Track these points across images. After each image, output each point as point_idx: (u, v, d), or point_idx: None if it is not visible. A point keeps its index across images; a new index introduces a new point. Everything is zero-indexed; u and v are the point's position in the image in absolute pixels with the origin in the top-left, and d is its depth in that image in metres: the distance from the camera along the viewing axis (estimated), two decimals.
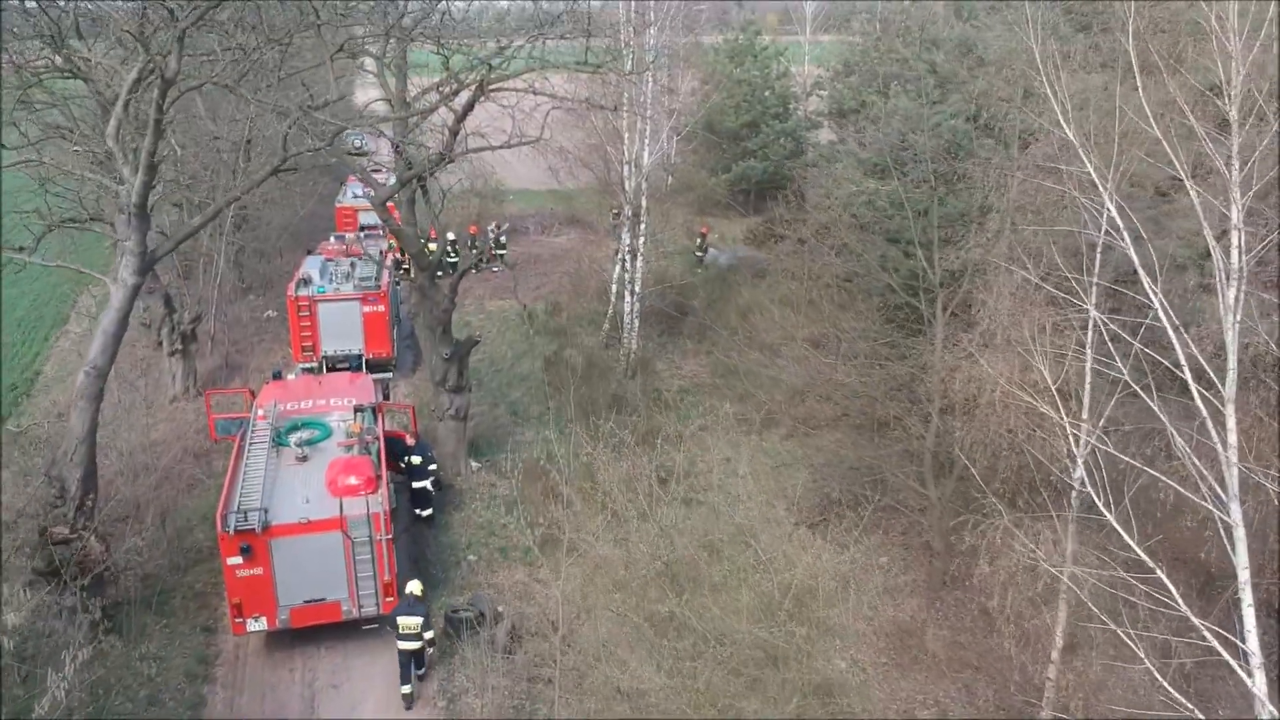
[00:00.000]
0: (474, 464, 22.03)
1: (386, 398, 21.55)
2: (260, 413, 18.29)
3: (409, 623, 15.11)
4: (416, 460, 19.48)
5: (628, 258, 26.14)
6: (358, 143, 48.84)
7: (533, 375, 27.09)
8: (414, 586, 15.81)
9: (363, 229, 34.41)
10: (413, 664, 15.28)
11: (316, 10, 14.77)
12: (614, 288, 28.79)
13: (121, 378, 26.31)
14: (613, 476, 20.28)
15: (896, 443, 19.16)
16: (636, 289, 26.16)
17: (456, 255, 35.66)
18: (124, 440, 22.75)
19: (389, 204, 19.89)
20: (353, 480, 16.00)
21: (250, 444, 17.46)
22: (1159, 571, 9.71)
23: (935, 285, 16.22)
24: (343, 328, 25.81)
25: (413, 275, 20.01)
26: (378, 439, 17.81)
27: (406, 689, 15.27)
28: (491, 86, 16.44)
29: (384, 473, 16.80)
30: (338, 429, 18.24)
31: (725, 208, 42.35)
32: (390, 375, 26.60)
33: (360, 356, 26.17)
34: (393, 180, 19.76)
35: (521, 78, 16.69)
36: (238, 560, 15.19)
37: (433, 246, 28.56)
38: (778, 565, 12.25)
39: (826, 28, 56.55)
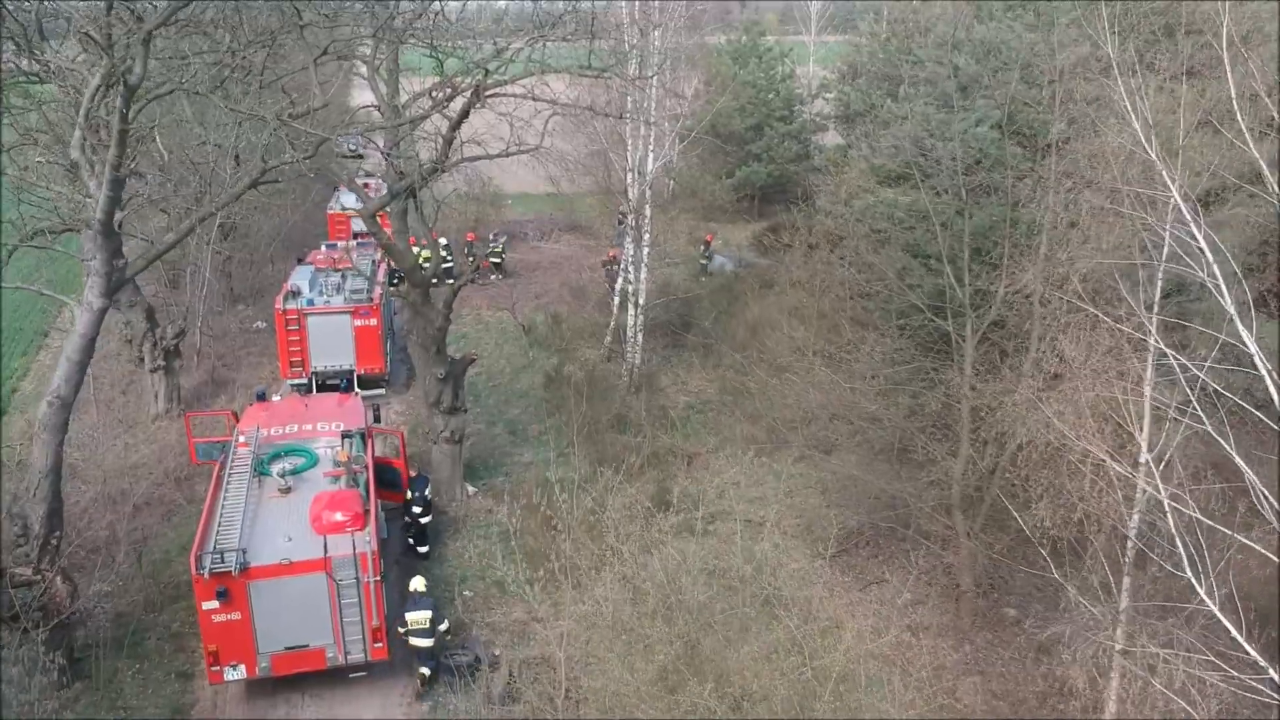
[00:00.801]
0: (470, 489, 20.89)
1: (378, 420, 20.39)
2: (241, 439, 17.14)
3: (417, 617, 15.10)
4: (417, 498, 18.44)
5: (631, 269, 24.98)
6: (351, 146, 47.68)
7: (532, 391, 25.94)
8: (417, 583, 15.77)
9: (356, 236, 33.24)
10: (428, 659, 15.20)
11: (299, 10, 13.63)
12: (616, 300, 27.63)
13: (101, 396, 25.19)
14: (617, 505, 19.18)
15: (918, 469, 18.03)
16: (641, 301, 25.00)
17: (450, 261, 34.51)
18: (101, 463, 21.62)
19: (380, 214, 18.79)
20: (338, 517, 14.86)
21: (230, 474, 16.31)
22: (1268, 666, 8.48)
23: (965, 306, 15.07)
24: (333, 342, 24.67)
25: (405, 292, 18.86)
26: (366, 468, 16.68)
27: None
28: (488, 92, 15.30)
29: (373, 506, 15.67)
30: (324, 457, 17.09)
31: (729, 213, 41.18)
32: (383, 391, 25.48)
33: (351, 372, 25.05)
34: (384, 189, 18.60)
35: (520, 83, 15.53)
36: (213, 605, 14.05)
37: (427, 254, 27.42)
38: (812, 644, 11.00)
39: (832, 28, 55.39)
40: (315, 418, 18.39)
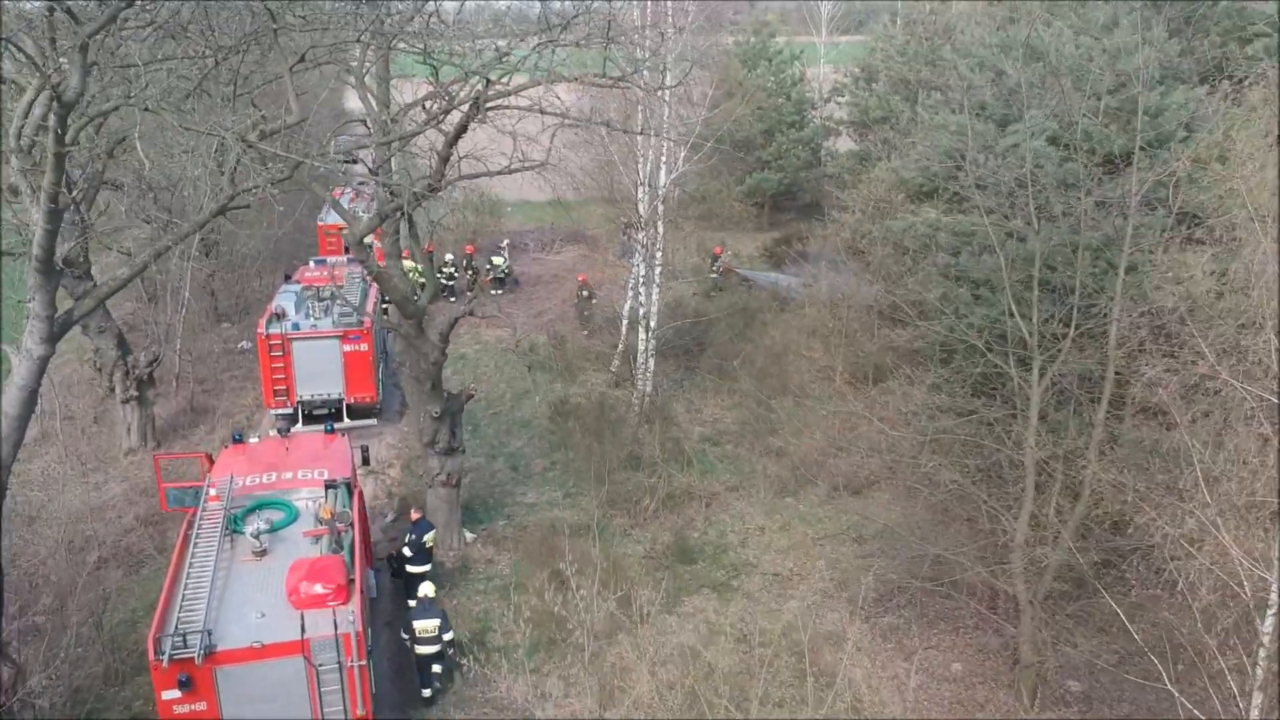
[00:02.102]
0: (468, 535, 19.08)
1: (367, 461, 18.56)
2: (212, 491, 15.28)
3: (426, 625, 14.76)
4: (412, 541, 16.68)
5: (641, 290, 23.17)
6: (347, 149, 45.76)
7: (535, 421, 24.11)
8: (427, 589, 15.29)
9: (348, 251, 31.38)
10: (432, 667, 14.86)
11: (272, 12, 11.81)
12: (625, 321, 25.81)
13: (71, 427, 23.36)
14: (632, 559, 17.41)
15: (967, 522, 16.24)
16: (652, 324, 23.19)
17: (454, 280, 32.74)
18: (65, 505, 19.82)
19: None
20: (318, 589, 13.00)
21: (198, 533, 14.44)
22: None
23: (1033, 348, 13.26)
24: (321, 369, 22.87)
25: (397, 323, 17.04)
26: (352, 525, 14.85)
27: (426, 693, 14.92)
28: (490, 104, 13.48)
29: (359, 574, 13.83)
30: (305, 511, 15.24)
31: (737, 222, 39.30)
32: (374, 421, 23.67)
33: (340, 401, 23.26)
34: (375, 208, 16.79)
35: (524, 94, 13.71)
36: (175, 694, 12.18)
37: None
38: None
39: (843, 29, 53.58)
40: (296, 464, 16.54)
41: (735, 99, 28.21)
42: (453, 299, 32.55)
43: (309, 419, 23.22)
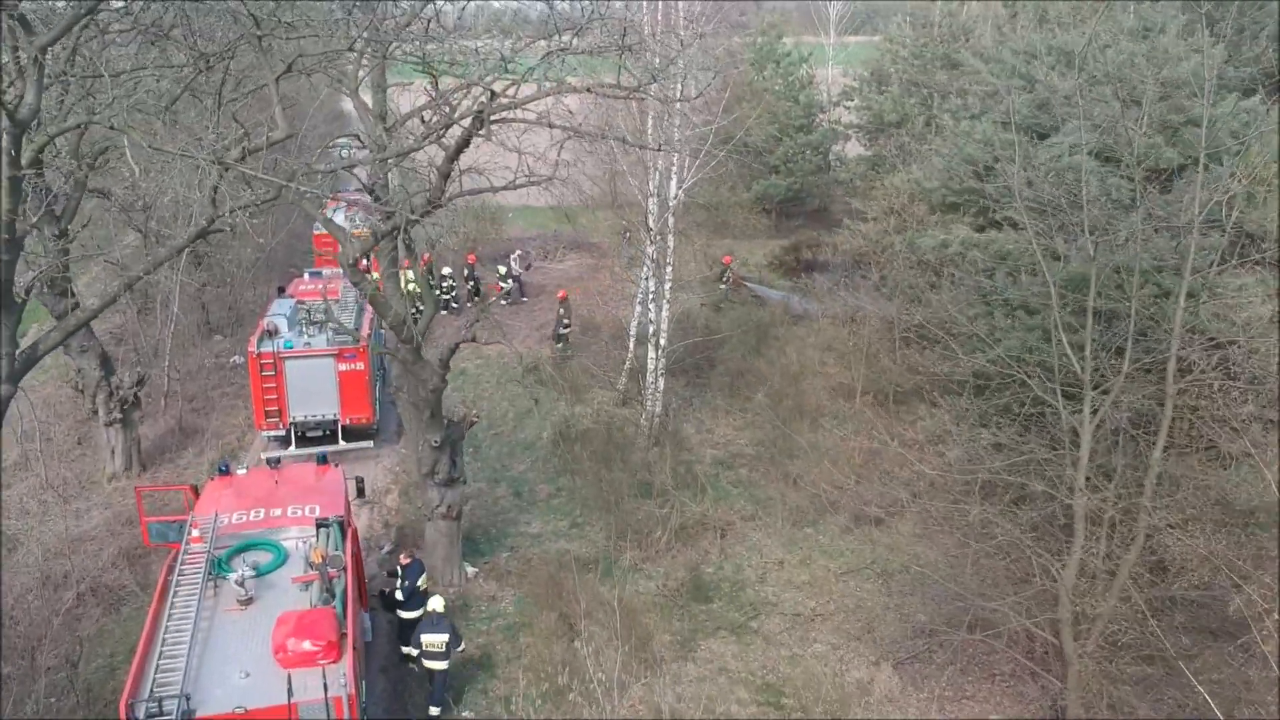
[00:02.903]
0: (469, 570, 18.00)
1: (361, 493, 17.49)
2: (195, 532, 14.20)
3: (433, 640, 14.31)
4: (405, 587, 15.62)
5: (651, 307, 22.09)
6: (345, 154, 44.47)
7: (539, 442, 23.01)
8: (436, 603, 14.76)
9: None
10: (441, 682, 14.44)
11: (255, 17, 10.73)
12: (632, 336, 24.74)
13: (53, 449, 22.29)
14: (644, 597, 16.35)
15: (1005, 560, 15.16)
16: (662, 342, 22.11)
17: (453, 290, 31.70)
18: (43, 537, 18.77)
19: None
20: (307, 646, 11.92)
21: (179, 577, 13.37)
22: None
23: (1085, 383, 12.17)
24: (314, 389, 21.79)
25: (394, 348, 15.96)
26: (345, 569, 13.77)
27: (435, 710, 14.48)
28: (495, 116, 12.39)
29: (352, 625, 12.76)
30: (295, 553, 14.18)
31: (746, 230, 38.18)
32: (371, 444, 22.60)
33: (335, 422, 22.18)
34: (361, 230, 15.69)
35: (530, 106, 12.62)
36: None
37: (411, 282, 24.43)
38: None
39: (851, 29, 52.47)
40: (286, 499, 15.45)
41: (746, 104, 27.10)
42: (454, 306, 31.47)
43: (302, 441, 22.17)
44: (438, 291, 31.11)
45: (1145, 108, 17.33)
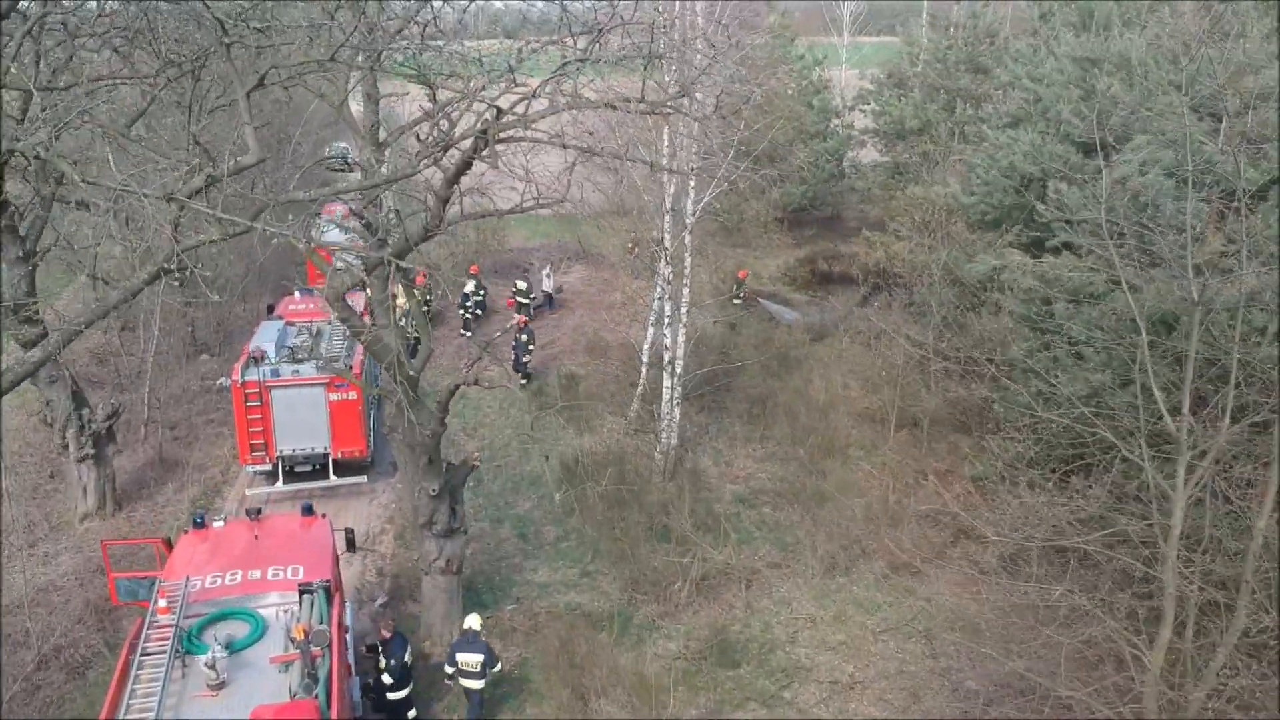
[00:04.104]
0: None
1: (352, 546, 15.87)
2: (162, 602, 12.58)
3: (469, 659, 13.92)
4: (392, 666, 14.02)
5: (666, 332, 20.48)
6: (342, 157, 42.62)
7: (545, 477, 21.38)
8: (472, 620, 14.31)
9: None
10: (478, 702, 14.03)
11: (223, 24, 9.14)
12: (645, 362, 23.14)
13: (24, 484, 20.69)
14: (664, 660, 14.74)
15: (1061, 624, 13.55)
16: (678, 370, 20.51)
17: (483, 299, 29.67)
18: (7, 586, 17.15)
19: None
20: None
21: (143, 653, 11.77)
22: None
23: (1181, 444, 10.55)
24: (303, 420, 20.20)
25: (390, 390, 14.32)
26: (330, 645, 12.16)
27: None
28: (501, 135, 10.79)
29: (336, 712, 11.18)
30: (275, 624, 12.59)
31: (759, 240, 36.54)
32: (364, 479, 20.99)
33: (326, 456, 20.60)
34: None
35: (540, 125, 11.00)
36: None
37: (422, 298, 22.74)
38: None
39: (863, 30, 50.82)
40: (266, 557, 13.83)
41: (765, 111, 25.49)
42: (478, 315, 29.64)
43: (291, 476, 20.59)
44: (462, 310, 29.43)
45: (1206, 116, 15.74)
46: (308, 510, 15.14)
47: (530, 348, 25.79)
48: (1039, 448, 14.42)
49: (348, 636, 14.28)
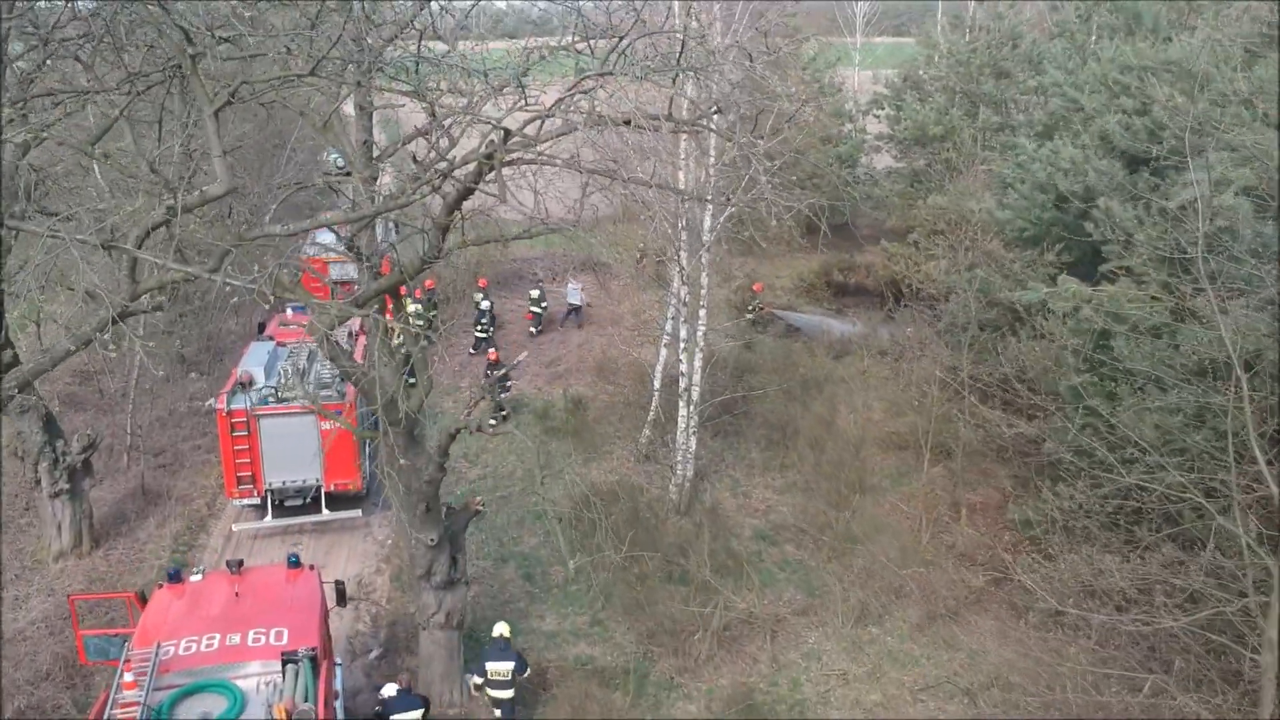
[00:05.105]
0: (475, 681, 15.06)
1: (342, 599, 14.53)
2: (128, 676, 11.25)
3: (499, 668, 13.57)
4: None
5: (682, 358, 19.16)
6: (341, 163, 41.17)
7: (551, 509, 20.03)
8: (501, 628, 14.03)
9: (337, 286, 27.12)
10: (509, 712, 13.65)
11: (188, 34, 7.83)
12: (656, 386, 21.82)
13: None
14: None
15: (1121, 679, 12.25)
16: (694, 397, 19.20)
17: (490, 329, 28.09)
18: None
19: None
20: None
21: None
22: None
23: (1277, 506, 9.26)
24: (294, 451, 18.83)
25: (385, 432, 12.97)
26: None
27: None
28: (509, 158, 9.47)
29: None
30: (255, 698, 11.30)
31: (773, 249, 35.13)
32: (358, 513, 19.65)
33: (318, 488, 19.29)
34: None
35: (547, 147, 9.68)
36: None
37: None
38: None
39: (879, 31, 49.46)
40: (247, 618, 12.50)
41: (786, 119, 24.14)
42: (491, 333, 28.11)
43: (280, 510, 19.27)
44: (477, 328, 27.95)
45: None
46: (294, 562, 13.80)
47: (508, 384, 24.29)
48: (1098, 497, 13.10)
49: (337, 704, 13.02)
